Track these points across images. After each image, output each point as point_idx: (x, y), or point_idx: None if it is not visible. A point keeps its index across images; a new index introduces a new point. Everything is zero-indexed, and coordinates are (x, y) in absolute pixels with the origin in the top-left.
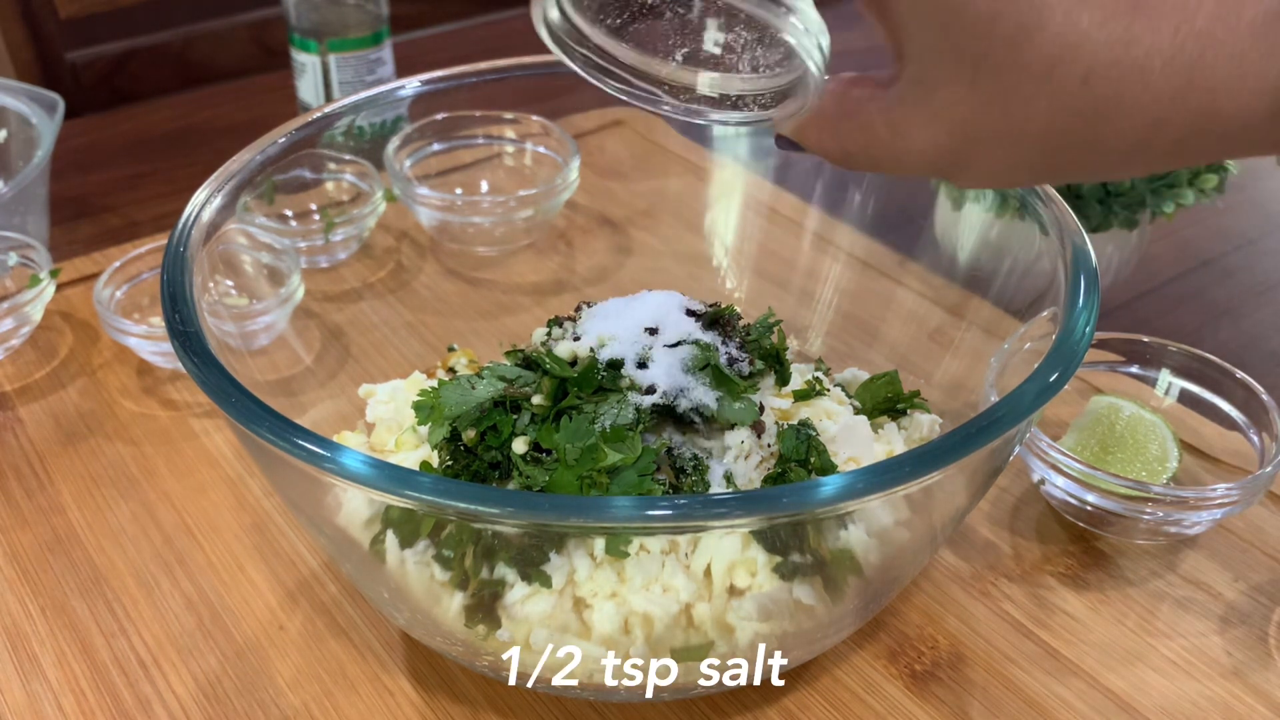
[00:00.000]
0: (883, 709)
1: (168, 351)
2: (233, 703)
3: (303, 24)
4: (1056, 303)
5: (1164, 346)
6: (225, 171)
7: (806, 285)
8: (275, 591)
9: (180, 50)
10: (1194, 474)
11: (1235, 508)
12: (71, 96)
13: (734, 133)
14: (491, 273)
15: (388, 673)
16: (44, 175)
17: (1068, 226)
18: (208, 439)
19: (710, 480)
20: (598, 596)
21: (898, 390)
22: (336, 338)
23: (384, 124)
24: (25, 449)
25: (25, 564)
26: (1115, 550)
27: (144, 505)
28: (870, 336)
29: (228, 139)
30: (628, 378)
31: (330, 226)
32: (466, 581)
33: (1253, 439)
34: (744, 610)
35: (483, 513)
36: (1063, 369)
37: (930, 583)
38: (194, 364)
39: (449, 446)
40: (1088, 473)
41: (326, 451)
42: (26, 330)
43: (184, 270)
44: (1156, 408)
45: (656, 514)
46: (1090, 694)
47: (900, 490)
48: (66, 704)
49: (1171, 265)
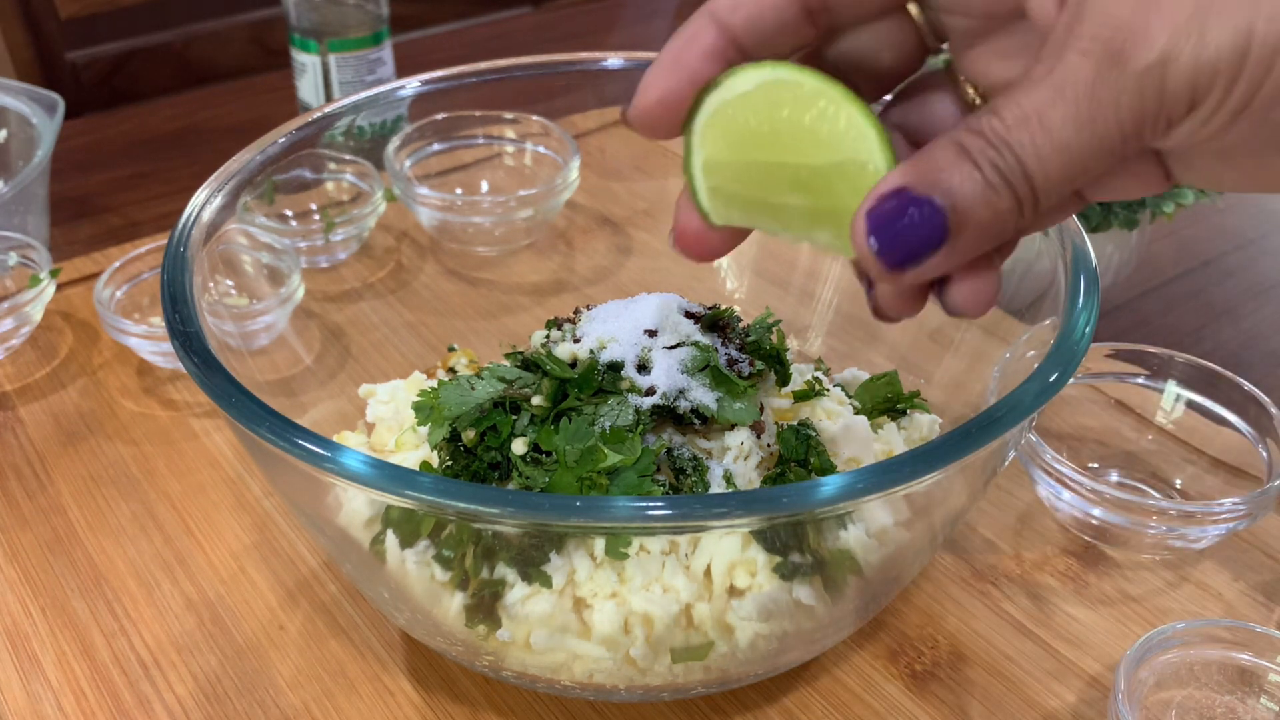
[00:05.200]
0: (883, 709)
1: (168, 351)
2: (233, 703)
3: (303, 24)
4: (1057, 302)
5: (1171, 357)
6: (225, 171)
7: (806, 285)
8: (275, 591)
9: (180, 50)
10: (1202, 487)
11: (1243, 521)
12: (71, 96)
13: None
14: (491, 273)
15: (388, 673)
16: (44, 175)
17: (1068, 226)
18: (208, 439)
19: (710, 481)
20: (598, 597)
21: (897, 390)
22: (336, 338)
23: (384, 124)
24: (25, 449)
25: (25, 564)
26: (1115, 550)
27: (144, 505)
28: (870, 336)
29: (228, 139)
30: (628, 380)
31: (330, 226)
32: (466, 581)
33: (1261, 451)
34: (744, 610)
35: (483, 513)
36: (1062, 369)
37: (930, 583)
38: (194, 364)
39: (449, 447)
40: (1094, 487)
41: (326, 451)
42: (26, 330)
43: (184, 270)
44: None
45: (656, 514)
46: (1090, 694)
47: (900, 490)
48: (66, 704)
49: (1171, 265)
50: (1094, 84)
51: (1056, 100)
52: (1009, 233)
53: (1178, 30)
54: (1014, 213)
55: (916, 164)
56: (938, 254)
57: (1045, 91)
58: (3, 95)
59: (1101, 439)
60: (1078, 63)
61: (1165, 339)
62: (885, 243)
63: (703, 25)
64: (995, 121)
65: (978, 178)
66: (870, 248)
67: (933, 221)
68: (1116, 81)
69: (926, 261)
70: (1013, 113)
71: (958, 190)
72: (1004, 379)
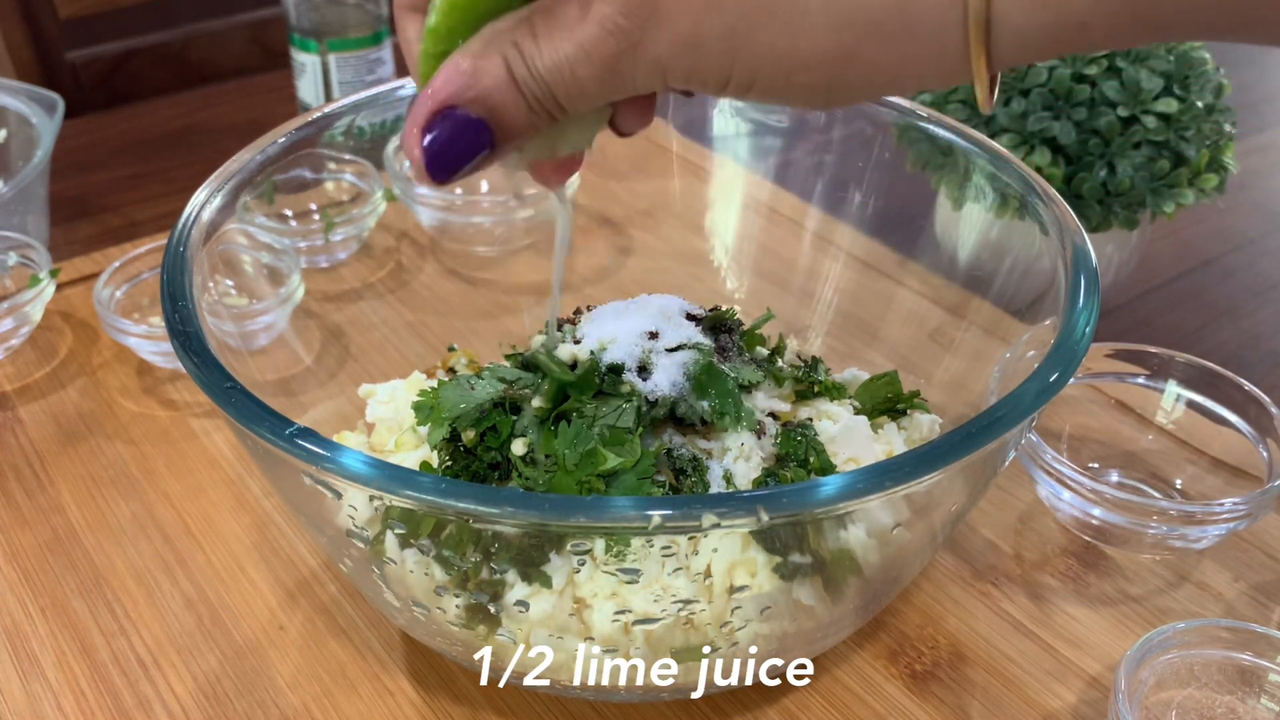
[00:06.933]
0: (883, 709)
1: (168, 351)
2: (233, 703)
3: (303, 24)
4: (1057, 303)
5: (1171, 357)
6: (225, 171)
7: (806, 285)
8: (275, 591)
9: (180, 50)
10: (1202, 487)
11: (1244, 521)
12: (71, 96)
13: (733, 132)
14: (491, 273)
15: (388, 673)
16: (44, 175)
17: (1068, 226)
18: (208, 439)
19: (710, 481)
20: (598, 597)
21: (898, 390)
22: (336, 338)
23: (384, 124)
24: (25, 449)
25: (25, 564)
26: (1115, 550)
27: (144, 505)
28: (870, 336)
29: (228, 139)
30: (628, 382)
31: (330, 226)
32: (466, 581)
33: (1261, 451)
34: (744, 611)
35: (483, 513)
36: (1062, 369)
37: (930, 583)
38: (194, 364)
39: (449, 447)
40: (1094, 487)
41: (326, 451)
42: (26, 330)
43: (184, 270)
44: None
45: (656, 514)
46: (1090, 694)
47: (900, 490)
48: (66, 704)
49: (1171, 265)
50: (617, 59)
51: (585, 63)
52: (544, 126)
53: (675, 40)
54: (548, 119)
55: (468, 74)
56: (481, 159)
57: (577, 51)
58: (2, 95)
59: (1101, 439)
60: (602, 38)
61: (1165, 339)
62: (435, 157)
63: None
64: (537, 59)
65: (521, 104)
66: (420, 160)
67: (481, 135)
68: (633, 63)
69: (471, 165)
70: (551, 57)
71: (501, 109)
72: (1004, 379)
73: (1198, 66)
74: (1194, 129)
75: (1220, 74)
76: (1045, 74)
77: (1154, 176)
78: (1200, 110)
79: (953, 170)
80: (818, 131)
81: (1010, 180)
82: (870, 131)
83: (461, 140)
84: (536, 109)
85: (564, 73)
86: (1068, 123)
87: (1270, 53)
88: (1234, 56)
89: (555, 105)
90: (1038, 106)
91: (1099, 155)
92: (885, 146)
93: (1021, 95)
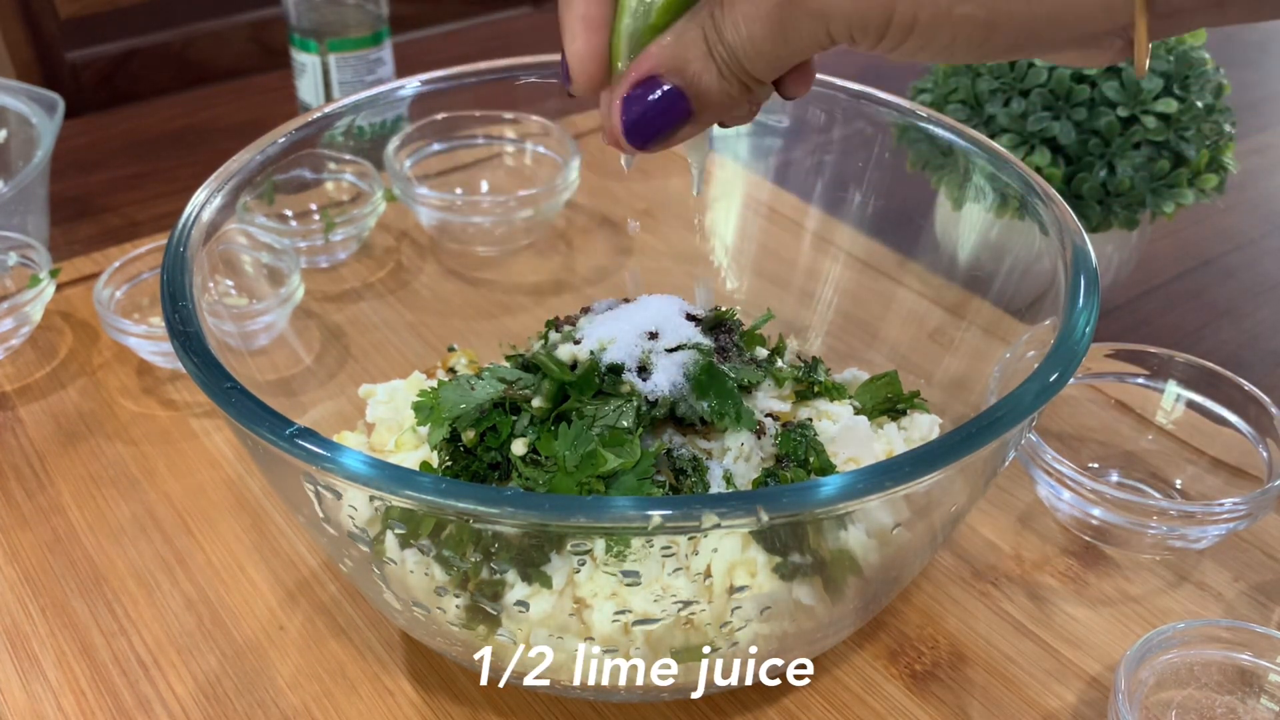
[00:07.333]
0: (883, 709)
1: (168, 351)
2: (233, 703)
3: (303, 24)
4: (1057, 303)
5: (1171, 357)
6: (225, 171)
7: (806, 285)
8: (275, 591)
9: (180, 50)
10: (1202, 487)
11: (1244, 522)
12: (71, 96)
13: (734, 132)
14: (491, 273)
15: (388, 673)
16: (44, 175)
17: (1068, 226)
18: (208, 439)
19: (710, 481)
20: (598, 597)
21: (897, 390)
22: (336, 338)
23: (384, 124)
24: (25, 449)
25: (25, 564)
26: (1115, 550)
27: (144, 505)
28: (870, 336)
29: (228, 139)
30: (628, 383)
31: (330, 226)
32: (466, 581)
33: (1261, 451)
34: (744, 611)
35: (483, 513)
36: (1062, 369)
37: (930, 583)
38: (194, 364)
39: (449, 447)
40: (1094, 487)
41: (326, 451)
42: (26, 330)
43: (184, 270)
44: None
45: (656, 514)
46: (1090, 694)
47: (900, 490)
48: (66, 704)
49: (1171, 265)
50: (781, 10)
51: (756, 20)
52: (743, 103)
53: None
54: (741, 88)
55: (669, 46)
56: (680, 128)
57: (750, 9)
58: (2, 95)
59: (1101, 439)
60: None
61: (1165, 339)
62: (632, 124)
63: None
64: (724, 26)
65: (714, 71)
66: (618, 126)
67: (677, 104)
68: (794, 14)
69: (669, 133)
70: (732, 19)
71: (695, 79)
72: (1004, 379)
73: (1197, 66)
74: (1194, 129)
75: (1220, 74)
76: (1045, 74)
77: (1154, 176)
78: (1200, 110)
79: (953, 170)
80: (817, 131)
81: (1010, 180)
82: (870, 131)
83: (657, 108)
84: (728, 77)
85: (741, 34)
86: (1068, 123)
87: (1270, 53)
88: (1234, 56)
89: (743, 71)
90: (1037, 106)
91: (1099, 155)
92: (885, 146)
93: (1021, 95)
